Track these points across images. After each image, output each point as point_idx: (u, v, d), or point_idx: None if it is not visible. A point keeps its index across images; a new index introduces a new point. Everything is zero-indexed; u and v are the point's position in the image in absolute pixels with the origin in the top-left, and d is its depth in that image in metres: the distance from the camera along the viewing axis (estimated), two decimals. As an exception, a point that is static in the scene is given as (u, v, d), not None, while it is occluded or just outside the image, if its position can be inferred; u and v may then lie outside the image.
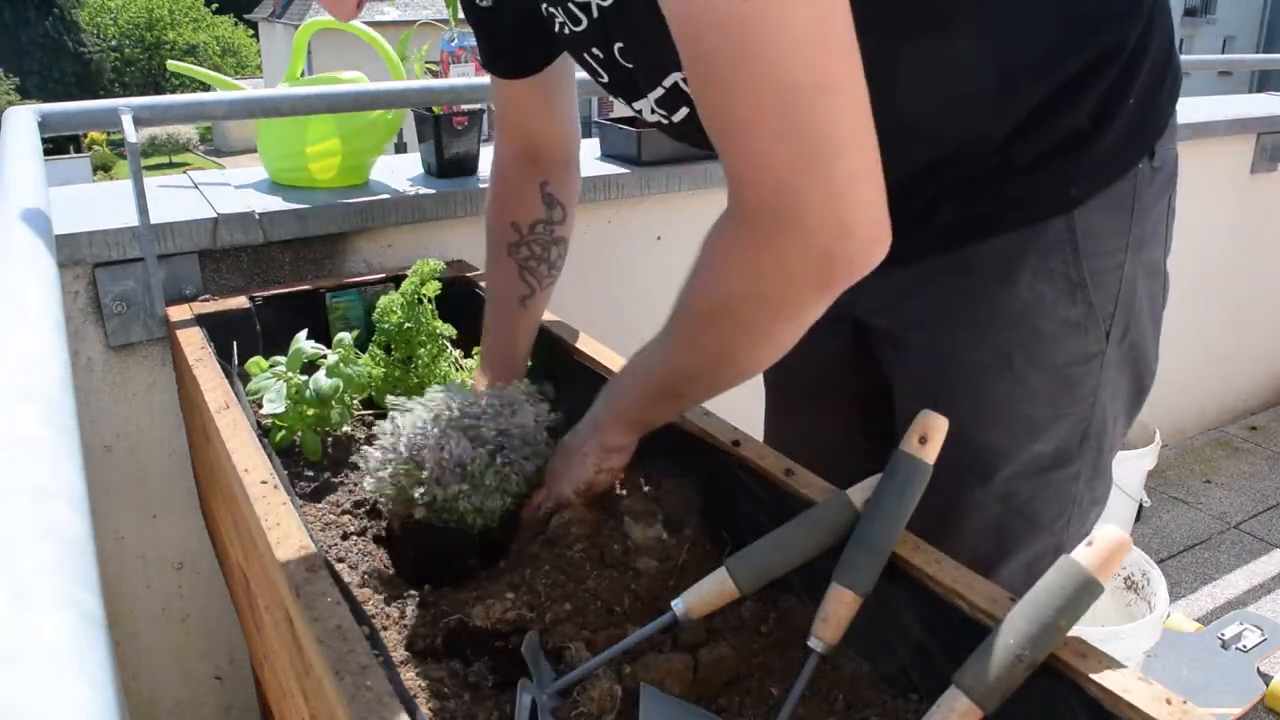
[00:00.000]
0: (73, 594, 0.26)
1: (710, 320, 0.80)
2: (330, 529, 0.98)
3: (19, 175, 0.88)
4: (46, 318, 0.50)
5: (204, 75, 1.70)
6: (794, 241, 0.68)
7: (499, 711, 0.73)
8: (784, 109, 0.64)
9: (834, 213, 0.67)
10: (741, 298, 0.76)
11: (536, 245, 1.14)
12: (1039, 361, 0.93)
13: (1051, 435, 0.95)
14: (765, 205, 0.69)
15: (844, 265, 0.70)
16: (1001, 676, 0.62)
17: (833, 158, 0.65)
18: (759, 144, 0.66)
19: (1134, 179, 0.90)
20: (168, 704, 1.67)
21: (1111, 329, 0.93)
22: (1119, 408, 0.99)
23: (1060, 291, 0.91)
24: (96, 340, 1.44)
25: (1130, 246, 0.91)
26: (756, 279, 0.73)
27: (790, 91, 0.63)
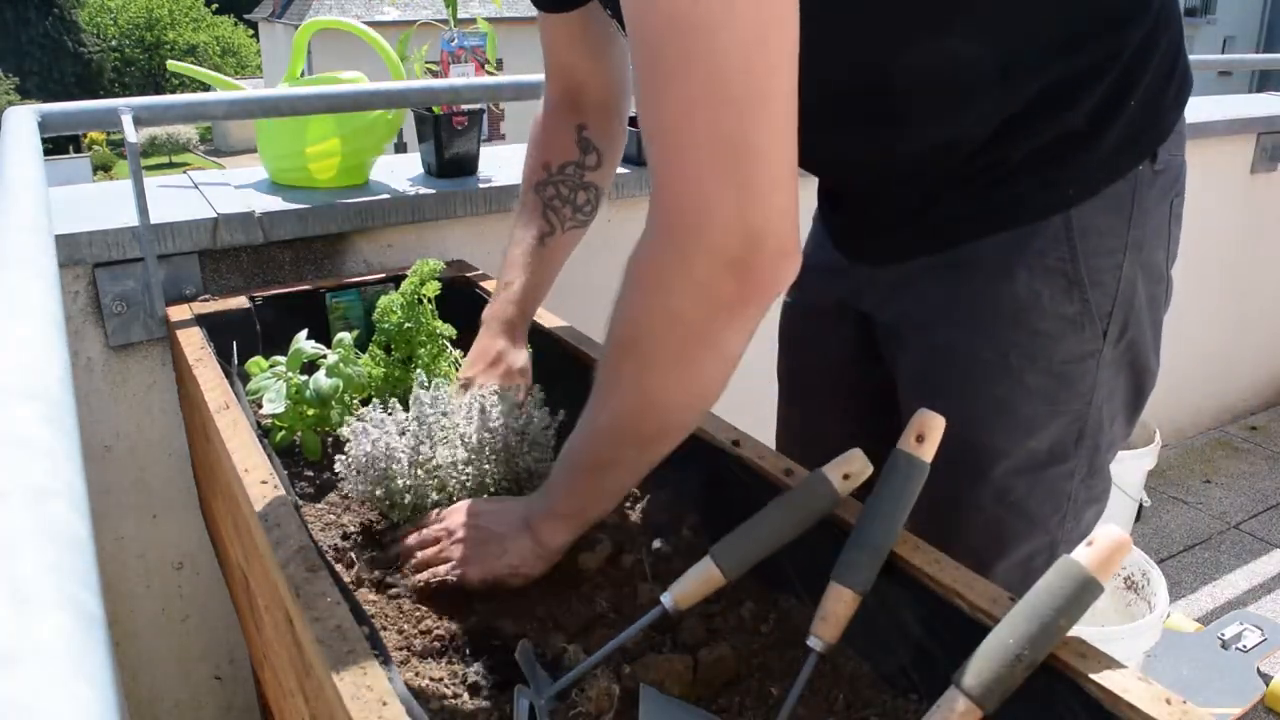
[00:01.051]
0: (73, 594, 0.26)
1: (624, 355, 0.78)
2: (330, 529, 0.98)
3: (19, 175, 0.88)
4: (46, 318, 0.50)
5: (204, 75, 1.70)
6: (701, 248, 0.68)
7: (499, 711, 0.73)
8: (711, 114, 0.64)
9: (743, 221, 0.66)
10: (652, 318, 0.74)
11: (564, 186, 1.13)
12: (1036, 359, 0.93)
13: (1047, 433, 0.96)
14: (676, 211, 0.69)
15: (754, 277, 0.69)
16: (1001, 676, 0.62)
17: (750, 167, 0.65)
18: (681, 145, 0.66)
19: (1134, 181, 0.90)
20: (168, 704, 1.66)
21: (1109, 328, 0.93)
22: (1116, 408, 0.99)
23: (1057, 289, 0.91)
24: (96, 340, 1.44)
25: (1129, 247, 0.91)
26: (665, 294, 0.72)
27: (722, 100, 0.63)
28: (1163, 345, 1.02)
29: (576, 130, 1.12)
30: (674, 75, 0.64)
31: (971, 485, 0.97)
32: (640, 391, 0.78)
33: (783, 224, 0.68)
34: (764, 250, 0.68)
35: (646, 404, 0.79)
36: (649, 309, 0.74)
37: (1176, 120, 0.93)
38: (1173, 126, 0.92)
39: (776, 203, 0.67)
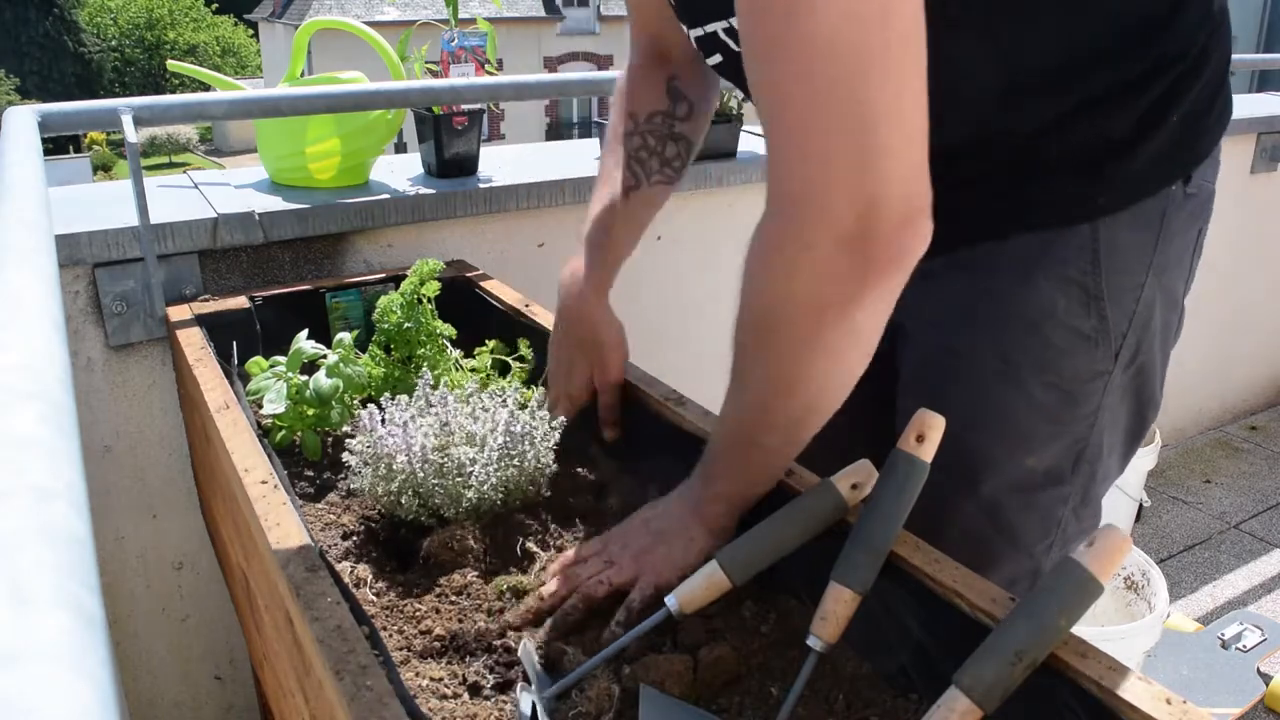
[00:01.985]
0: (73, 594, 0.26)
1: (754, 340, 0.75)
2: (330, 529, 0.98)
3: (19, 175, 0.88)
4: (46, 318, 0.50)
5: (204, 75, 1.70)
6: (817, 223, 0.65)
7: (499, 711, 0.73)
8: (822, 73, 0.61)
9: (860, 191, 0.63)
10: (775, 301, 0.71)
11: (651, 137, 1.06)
12: (1045, 372, 0.90)
13: (1046, 452, 0.93)
14: (788, 183, 0.66)
15: (876, 251, 0.66)
16: (1001, 676, 0.62)
17: (867, 131, 0.62)
18: (792, 111, 0.64)
19: (1165, 200, 0.87)
20: (168, 704, 1.67)
21: (1121, 350, 0.90)
22: (1117, 437, 0.96)
23: (1075, 302, 0.88)
24: (96, 340, 1.44)
25: (1153, 268, 0.88)
26: (787, 275, 0.69)
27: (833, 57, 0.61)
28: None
29: (666, 80, 1.05)
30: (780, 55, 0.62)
31: (961, 496, 0.95)
32: (776, 376, 0.75)
33: (904, 193, 0.65)
34: (884, 222, 0.64)
35: (784, 388, 0.76)
36: (772, 292, 0.71)
37: (1214, 145, 0.90)
38: (1209, 150, 0.89)
39: (898, 168, 0.64)
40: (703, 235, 1.99)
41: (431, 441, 0.94)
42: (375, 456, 0.94)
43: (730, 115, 1.97)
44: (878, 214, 0.64)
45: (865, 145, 0.63)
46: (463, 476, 0.94)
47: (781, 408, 0.78)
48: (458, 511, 0.94)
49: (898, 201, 0.65)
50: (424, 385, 1.00)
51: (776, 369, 0.75)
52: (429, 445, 0.94)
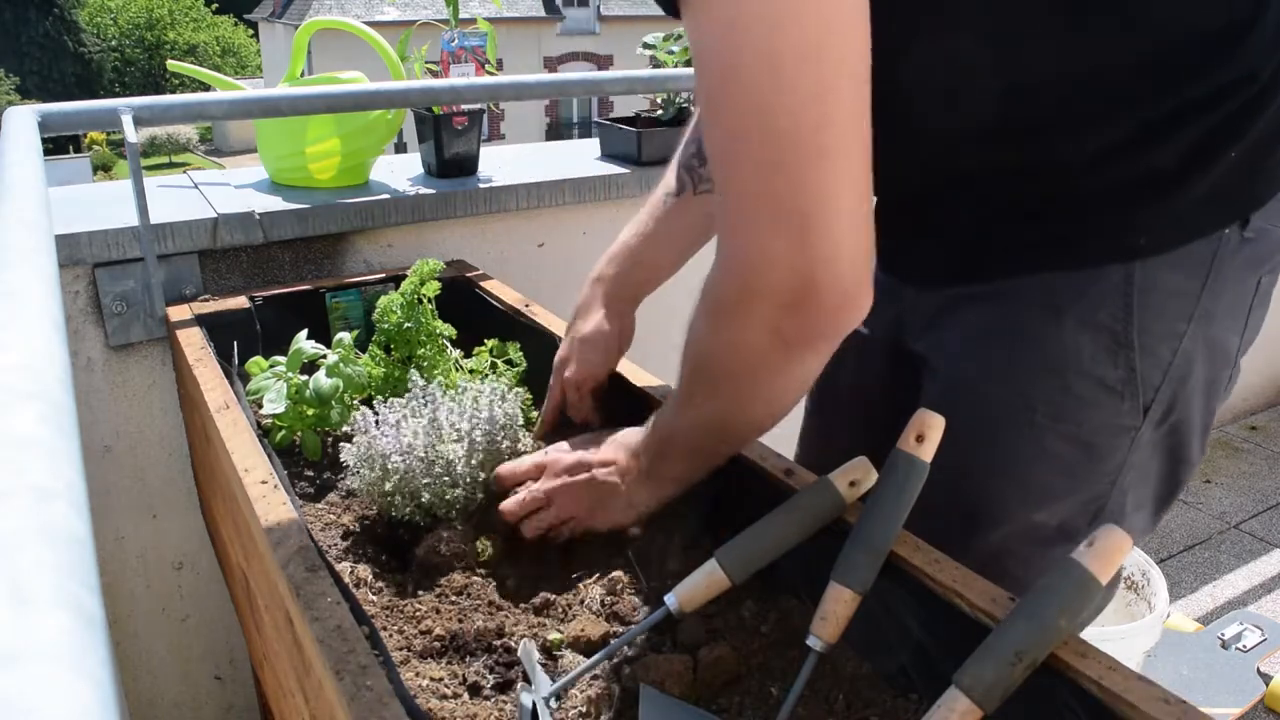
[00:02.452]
0: (73, 594, 0.26)
1: (696, 377, 0.81)
2: (330, 529, 0.98)
3: (19, 175, 0.88)
4: (46, 318, 0.50)
5: (204, 75, 1.70)
6: (759, 291, 0.68)
7: (499, 711, 0.73)
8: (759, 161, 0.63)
9: (798, 269, 0.65)
10: (718, 348, 0.76)
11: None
12: (1063, 422, 0.84)
13: (1058, 507, 0.87)
14: (733, 249, 0.69)
15: (813, 321, 0.68)
16: (1001, 676, 0.62)
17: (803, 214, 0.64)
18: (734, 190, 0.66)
19: (1216, 243, 0.79)
20: (168, 704, 1.67)
21: (1153, 405, 0.83)
22: (1144, 497, 0.89)
23: (1101, 349, 0.81)
24: (96, 340, 1.44)
25: (1196, 318, 0.81)
26: (729, 327, 0.73)
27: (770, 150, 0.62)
28: None
29: None
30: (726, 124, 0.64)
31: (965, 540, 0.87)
32: (713, 411, 0.81)
33: (839, 274, 0.66)
34: (821, 297, 0.66)
35: (720, 421, 0.82)
36: (715, 339, 0.76)
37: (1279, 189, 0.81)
38: (1275, 191, 0.81)
39: (832, 254, 0.65)
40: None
41: (421, 440, 0.95)
42: (370, 457, 0.94)
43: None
44: (816, 291, 0.66)
45: (801, 228, 0.64)
46: (450, 475, 0.94)
47: (716, 435, 0.85)
48: (448, 511, 0.94)
49: (836, 279, 0.66)
50: (414, 385, 1.01)
51: (713, 404, 0.81)
52: (419, 444, 0.94)
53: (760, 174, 0.63)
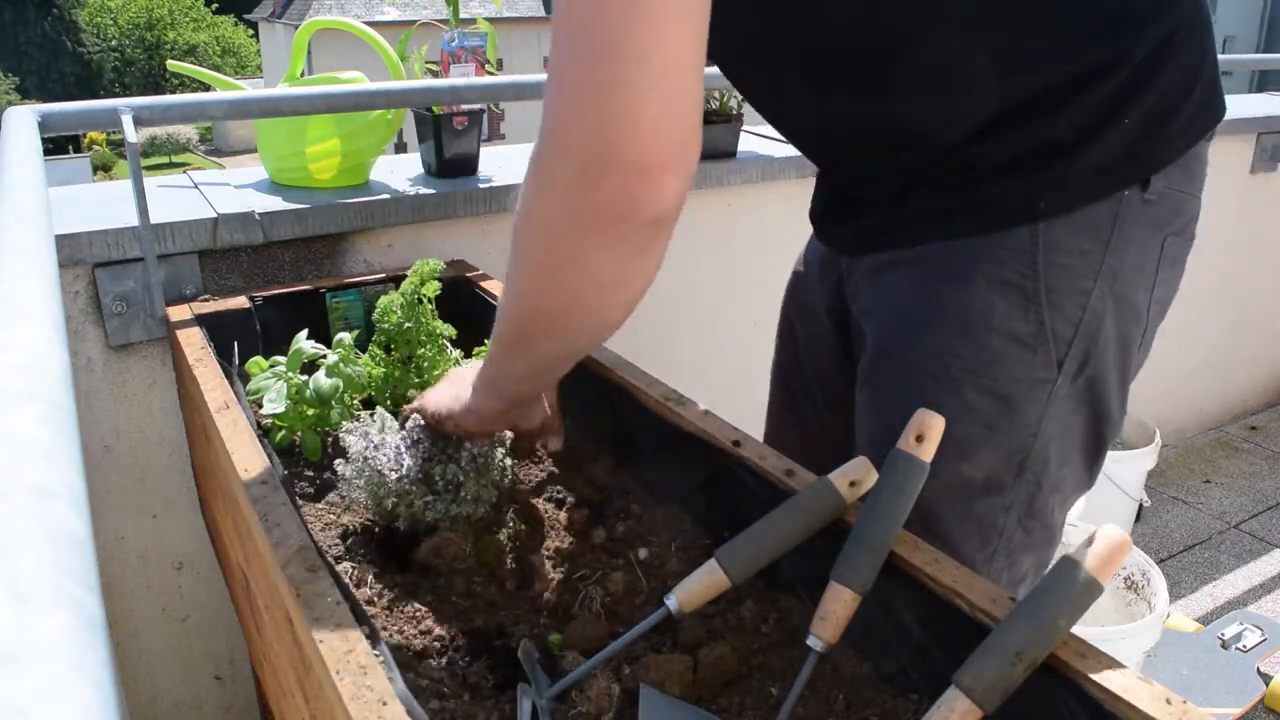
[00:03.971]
0: (73, 594, 0.26)
1: (512, 251, 0.77)
2: (330, 529, 0.98)
3: (19, 175, 0.88)
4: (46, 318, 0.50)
5: (204, 75, 1.70)
6: (561, 152, 0.66)
7: (499, 711, 0.73)
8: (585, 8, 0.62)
9: (597, 129, 0.62)
10: (522, 221, 0.73)
11: None
12: (979, 376, 0.88)
13: (982, 459, 0.90)
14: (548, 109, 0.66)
15: (606, 192, 0.65)
16: (1001, 676, 0.62)
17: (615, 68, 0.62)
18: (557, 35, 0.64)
19: (1116, 204, 0.85)
20: (168, 704, 1.67)
21: (1066, 359, 0.88)
22: (1070, 451, 0.93)
23: (1012, 305, 0.86)
24: (96, 340, 1.44)
25: (1102, 274, 0.86)
26: (534, 197, 0.70)
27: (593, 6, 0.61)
28: (1162, 345, 0.99)
29: None
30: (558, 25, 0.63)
31: None
32: (516, 291, 0.79)
33: (643, 146, 0.63)
34: (617, 172, 0.63)
35: (523, 304, 0.79)
36: (523, 212, 0.72)
37: (1184, 150, 0.86)
38: (1176, 156, 0.86)
39: (642, 113, 0.62)
40: (702, 235, 1.99)
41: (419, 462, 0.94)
42: (363, 475, 0.95)
43: (730, 115, 1.97)
44: (610, 164, 0.64)
45: (606, 84, 0.62)
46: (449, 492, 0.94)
47: (522, 325, 0.82)
48: (450, 524, 0.94)
49: (634, 154, 0.63)
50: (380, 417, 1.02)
51: (516, 285, 0.79)
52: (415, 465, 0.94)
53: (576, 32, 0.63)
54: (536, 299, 0.78)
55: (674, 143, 0.65)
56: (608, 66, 0.62)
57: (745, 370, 1.32)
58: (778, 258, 1.23)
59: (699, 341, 1.99)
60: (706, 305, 2.03)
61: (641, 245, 0.70)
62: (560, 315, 0.78)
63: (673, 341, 1.98)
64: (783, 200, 1.98)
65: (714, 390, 1.32)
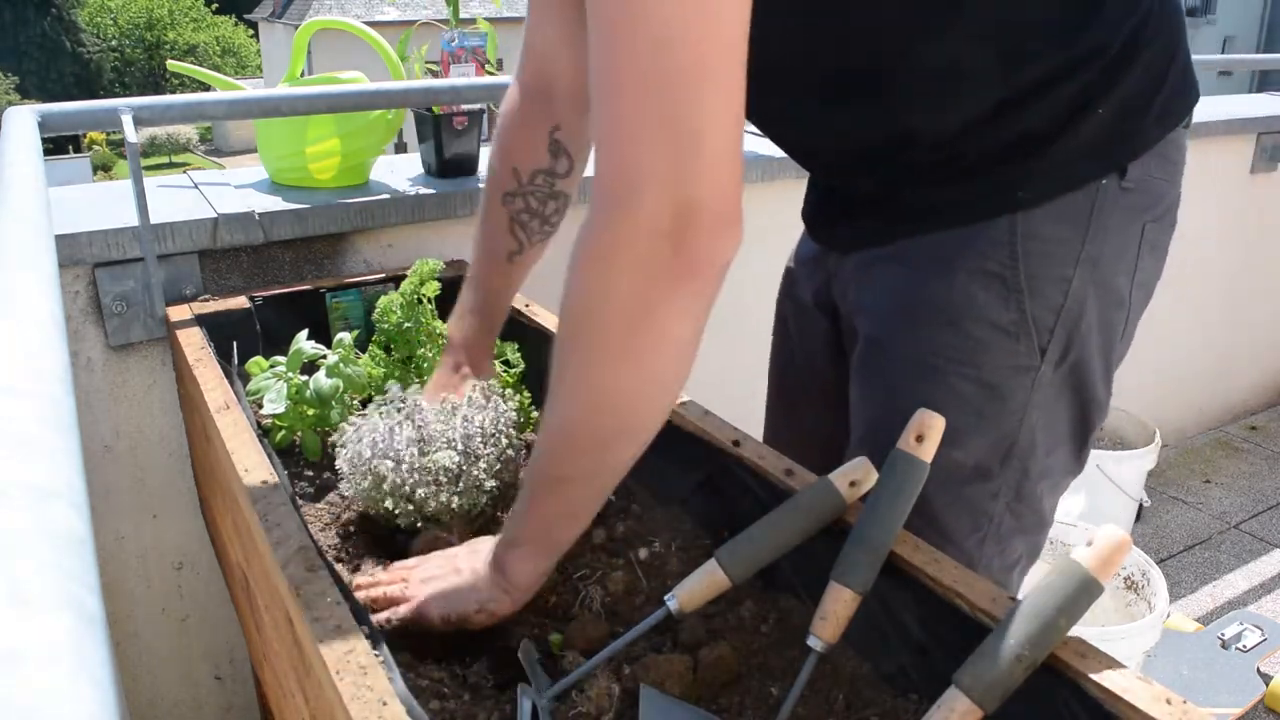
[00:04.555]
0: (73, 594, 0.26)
1: (569, 346, 0.72)
2: (330, 529, 0.98)
3: (19, 175, 0.88)
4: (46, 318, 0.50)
5: (204, 75, 1.70)
6: (635, 220, 0.65)
7: (499, 712, 0.73)
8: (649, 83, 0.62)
9: (677, 192, 0.64)
10: (591, 300, 0.69)
11: (533, 198, 1.07)
12: (963, 365, 0.90)
13: (970, 446, 0.91)
14: (612, 181, 0.66)
15: (690, 250, 0.65)
16: (1001, 676, 0.62)
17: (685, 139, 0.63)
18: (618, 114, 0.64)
19: (1094, 193, 0.86)
20: (168, 704, 1.66)
21: (1049, 346, 0.89)
22: (1056, 436, 0.95)
23: (994, 295, 0.88)
24: (96, 340, 1.44)
25: (1082, 261, 0.87)
26: (604, 272, 0.68)
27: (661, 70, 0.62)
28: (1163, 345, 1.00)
29: (549, 133, 1.05)
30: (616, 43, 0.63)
31: None
32: (588, 385, 0.72)
33: (720, 196, 0.65)
34: (699, 222, 0.65)
35: (596, 397, 0.72)
36: (589, 290, 0.69)
37: (1159, 138, 0.88)
38: (1152, 144, 0.87)
39: (714, 175, 0.65)
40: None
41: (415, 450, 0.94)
42: (358, 467, 0.94)
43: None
44: (693, 215, 0.64)
45: (686, 145, 0.63)
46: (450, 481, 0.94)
47: (591, 427, 0.74)
48: (450, 517, 0.94)
49: (713, 204, 0.65)
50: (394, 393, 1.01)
51: (587, 375, 0.72)
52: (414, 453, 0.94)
53: (646, 90, 0.63)
54: (617, 398, 0.72)
55: (738, 193, 0.66)
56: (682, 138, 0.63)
57: (745, 370, 1.32)
58: (778, 257, 1.23)
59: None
60: (706, 305, 2.02)
61: (714, 295, 0.69)
62: (642, 406, 0.73)
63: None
64: (783, 200, 1.97)
65: (714, 390, 1.32)
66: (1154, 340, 0.98)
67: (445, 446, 0.95)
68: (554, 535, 0.80)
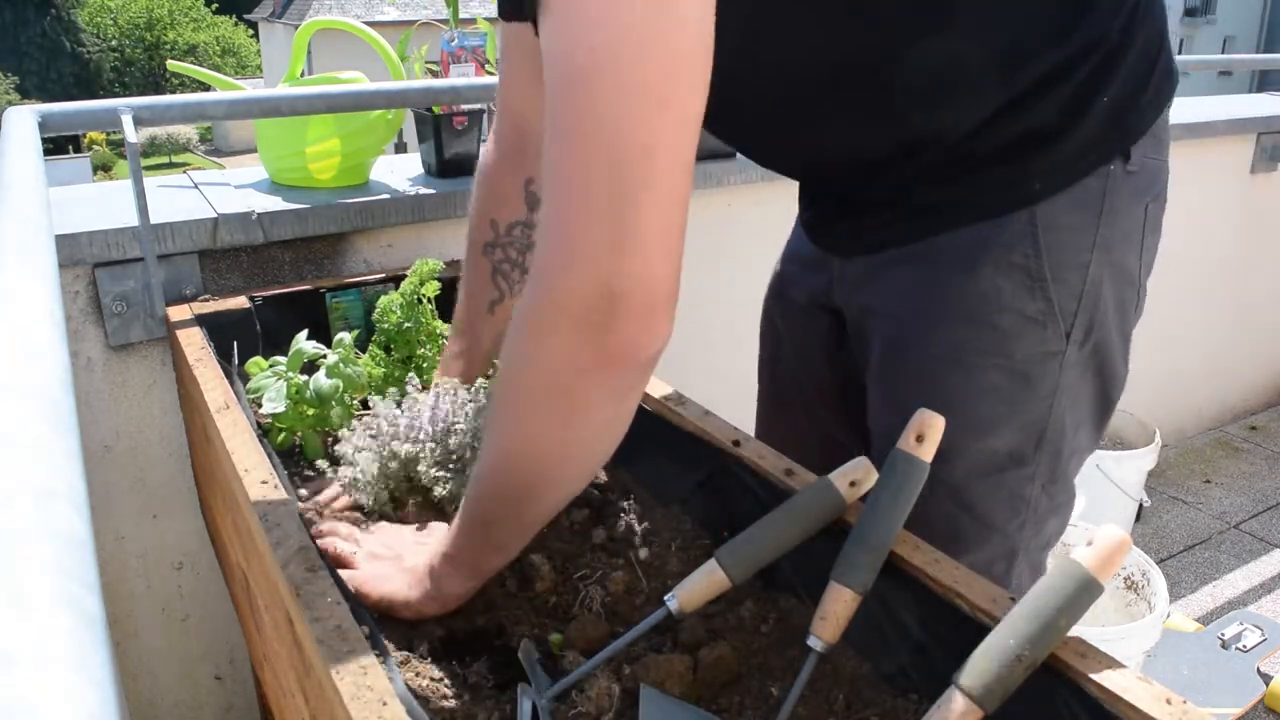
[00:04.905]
0: (73, 594, 0.26)
1: (498, 402, 0.75)
2: (330, 529, 0.98)
3: (19, 175, 0.88)
4: (46, 318, 0.50)
5: (204, 75, 1.70)
6: (564, 297, 0.65)
7: (499, 711, 0.73)
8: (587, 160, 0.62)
9: (606, 275, 0.63)
10: (519, 366, 0.71)
11: (512, 249, 1.10)
12: (994, 356, 0.92)
13: (1005, 434, 0.94)
14: (545, 254, 0.66)
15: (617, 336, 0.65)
16: (1001, 676, 0.62)
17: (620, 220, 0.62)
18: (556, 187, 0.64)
19: (1104, 178, 0.89)
20: (168, 704, 1.66)
21: (1073, 329, 0.92)
22: (1081, 415, 0.97)
23: (1019, 285, 0.90)
24: (96, 340, 1.44)
25: (1097, 246, 0.90)
26: (533, 341, 0.69)
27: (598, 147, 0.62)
28: (1163, 345, 1.01)
29: (524, 186, 1.07)
30: (562, 116, 0.63)
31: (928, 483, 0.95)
32: (510, 437, 0.75)
33: (652, 284, 0.65)
34: (627, 308, 0.64)
35: (517, 450, 0.75)
36: (518, 356, 0.71)
37: (1154, 120, 0.91)
38: (1148, 127, 0.90)
39: (646, 262, 0.64)
40: (702, 235, 1.98)
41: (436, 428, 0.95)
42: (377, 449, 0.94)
43: (730, 115, 1.97)
44: (618, 304, 0.64)
45: (618, 232, 0.63)
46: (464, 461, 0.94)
47: (512, 479, 0.76)
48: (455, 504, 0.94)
49: (640, 295, 0.64)
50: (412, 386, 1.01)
51: (510, 432, 0.74)
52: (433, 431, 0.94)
53: (589, 176, 0.63)
54: (535, 456, 0.74)
55: (674, 282, 0.66)
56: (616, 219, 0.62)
57: (745, 370, 1.32)
58: (778, 257, 1.23)
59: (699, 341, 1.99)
60: (706, 305, 2.03)
61: (639, 383, 0.71)
62: (559, 466, 0.75)
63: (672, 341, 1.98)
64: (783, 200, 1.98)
65: (714, 390, 1.32)
66: (1154, 340, 0.99)
67: (466, 433, 0.95)
68: (481, 564, 0.83)
